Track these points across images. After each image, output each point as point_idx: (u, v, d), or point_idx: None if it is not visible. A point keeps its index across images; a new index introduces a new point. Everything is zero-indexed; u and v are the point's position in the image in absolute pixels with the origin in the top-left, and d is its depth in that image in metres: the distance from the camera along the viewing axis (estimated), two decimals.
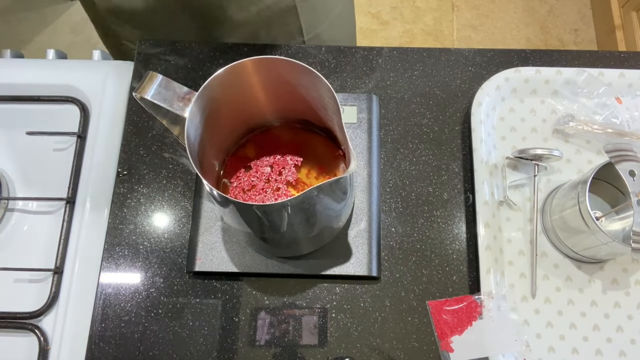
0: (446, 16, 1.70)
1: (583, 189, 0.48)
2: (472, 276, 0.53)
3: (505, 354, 0.49)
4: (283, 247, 0.51)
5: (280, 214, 0.41)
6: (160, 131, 0.59)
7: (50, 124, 0.61)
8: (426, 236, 0.55)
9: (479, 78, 0.61)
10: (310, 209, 0.42)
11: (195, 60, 0.61)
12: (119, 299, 0.52)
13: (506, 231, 0.55)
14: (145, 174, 0.57)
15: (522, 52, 0.62)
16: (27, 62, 0.65)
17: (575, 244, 0.52)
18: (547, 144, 0.58)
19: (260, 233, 0.47)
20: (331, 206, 0.44)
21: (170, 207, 0.56)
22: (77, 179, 0.58)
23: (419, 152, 0.58)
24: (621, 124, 0.56)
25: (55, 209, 0.59)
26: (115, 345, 0.51)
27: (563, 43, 1.67)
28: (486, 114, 0.57)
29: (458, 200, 0.56)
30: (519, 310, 0.51)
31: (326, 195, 0.41)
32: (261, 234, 0.47)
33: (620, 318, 0.52)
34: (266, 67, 0.41)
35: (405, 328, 0.51)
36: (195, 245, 0.52)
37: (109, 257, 0.54)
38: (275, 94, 0.45)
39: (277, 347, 0.51)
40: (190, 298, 0.52)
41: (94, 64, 0.65)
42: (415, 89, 0.61)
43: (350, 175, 0.40)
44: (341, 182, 0.40)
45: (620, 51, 0.67)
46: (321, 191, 0.39)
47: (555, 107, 0.59)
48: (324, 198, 0.41)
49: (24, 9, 1.66)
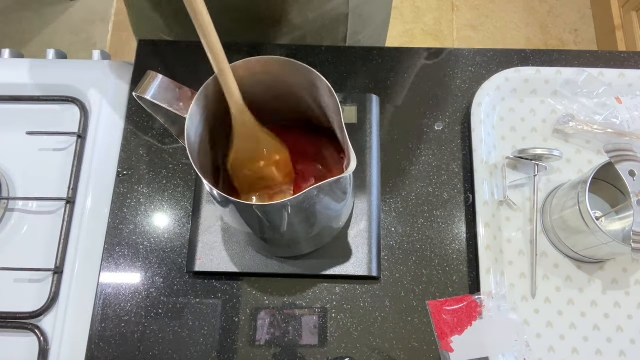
0: (446, 16, 1.70)
1: (583, 189, 0.48)
2: (472, 276, 0.53)
3: (505, 354, 0.49)
4: (283, 247, 0.51)
5: (281, 214, 0.41)
6: (160, 131, 0.59)
7: (50, 124, 0.61)
8: (426, 236, 0.55)
9: (479, 78, 0.61)
10: (310, 209, 0.42)
11: (195, 60, 0.61)
12: (119, 299, 0.52)
13: (506, 231, 0.55)
14: (145, 174, 0.57)
15: (522, 52, 0.62)
16: (27, 62, 0.65)
17: (575, 244, 0.52)
18: (547, 144, 0.58)
19: (260, 233, 0.47)
20: (331, 206, 0.44)
21: (170, 207, 0.56)
22: (77, 179, 0.58)
23: (419, 152, 0.58)
24: (621, 124, 0.56)
25: (55, 209, 0.59)
26: (115, 345, 0.51)
27: (563, 43, 1.67)
28: (486, 114, 0.57)
29: (458, 200, 0.56)
30: (519, 310, 0.51)
31: (326, 195, 0.41)
32: (261, 234, 0.47)
33: (620, 318, 0.52)
34: (264, 67, 0.41)
35: (405, 328, 0.51)
36: (195, 245, 0.52)
37: (109, 257, 0.54)
38: (274, 94, 0.45)
39: (277, 347, 0.51)
40: (190, 298, 0.52)
41: (94, 64, 0.65)
42: (415, 89, 0.61)
43: (350, 175, 0.40)
44: (341, 182, 0.40)
45: (620, 51, 0.67)
46: (321, 191, 0.38)
47: (555, 107, 0.59)
48: (324, 198, 0.41)
49: (24, 9, 1.66)
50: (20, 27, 1.64)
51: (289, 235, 0.46)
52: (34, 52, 1.55)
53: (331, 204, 0.44)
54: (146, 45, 0.63)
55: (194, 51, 0.62)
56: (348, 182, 0.45)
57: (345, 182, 0.43)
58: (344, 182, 0.42)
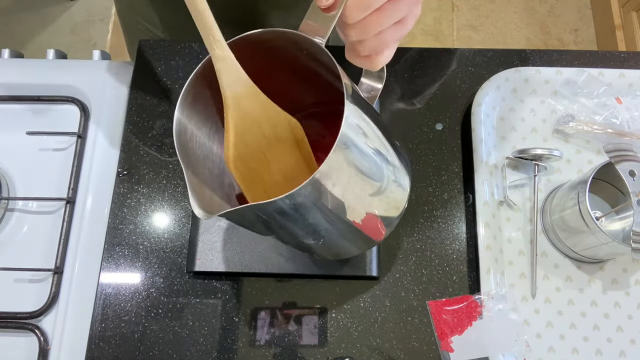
0: (446, 16, 1.70)
1: (583, 189, 0.48)
2: (472, 276, 0.53)
3: (505, 354, 0.49)
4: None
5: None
6: (160, 131, 0.59)
7: (50, 124, 0.61)
8: (426, 236, 0.55)
9: (479, 78, 0.61)
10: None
11: (195, 60, 0.61)
12: (119, 299, 0.52)
13: (506, 231, 0.55)
14: (145, 174, 0.57)
15: (522, 52, 0.62)
16: (27, 62, 0.65)
17: (575, 244, 0.52)
18: (547, 144, 0.58)
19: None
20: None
21: (170, 207, 0.56)
22: (77, 179, 0.58)
23: (419, 152, 0.58)
24: (621, 124, 0.56)
25: (55, 209, 0.59)
26: (115, 345, 0.51)
27: (563, 43, 1.67)
28: (486, 114, 0.57)
29: (458, 200, 0.56)
30: (519, 310, 0.51)
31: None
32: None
33: (620, 318, 0.52)
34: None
35: (405, 328, 0.51)
36: (195, 245, 0.52)
37: (109, 257, 0.54)
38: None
39: (277, 347, 0.51)
40: (190, 298, 0.52)
41: (94, 64, 0.65)
42: (415, 89, 0.61)
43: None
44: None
45: (620, 51, 0.67)
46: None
47: (555, 107, 0.59)
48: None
49: (24, 9, 1.66)
50: (20, 27, 1.64)
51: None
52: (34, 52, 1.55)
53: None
54: (146, 45, 0.63)
55: (194, 51, 0.62)
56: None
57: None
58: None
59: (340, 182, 0.32)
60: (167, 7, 0.66)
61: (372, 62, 0.37)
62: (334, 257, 0.50)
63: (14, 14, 1.65)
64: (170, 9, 0.66)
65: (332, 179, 0.31)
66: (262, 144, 0.37)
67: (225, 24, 0.52)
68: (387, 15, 0.34)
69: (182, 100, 0.35)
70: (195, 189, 0.34)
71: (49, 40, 1.62)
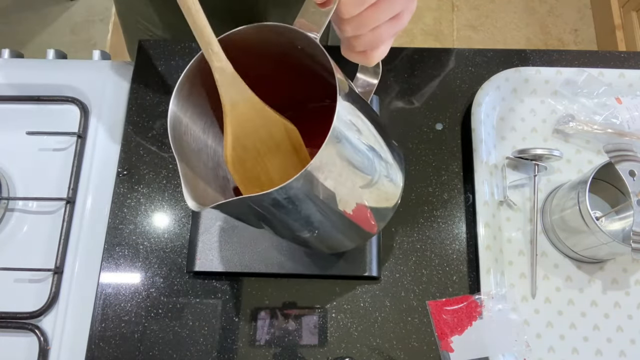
0: (446, 16, 1.70)
1: (583, 189, 0.48)
2: (472, 276, 0.53)
3: (505, 354, 0.49)
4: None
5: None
6: (160, 131, 0.59)
7: (50, 124, 0.61)
8: (426, 236, 0.55)
9: (479, 78, 0.61)
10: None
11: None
12: (119, 299, 0.52)
13: (506, 231, 0.55)
14: (145, 174, 0.57)
15: (522, 52, 0.62)
16: (27, 62, 0.65)
17: (575, 244, 0.52)
18: (547, 144, 0.58)
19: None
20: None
21: (170, 207, 0.56)
22: (77, 179, 0.58)
23: (419, 152, 0.58)
24: (621, 124, 0.56)
25: (55, 209, 0.59)
26: (115, 345, 0.51)
27: (563, 43, 1.67)
28: (486, 114, 0.57)
29: (458, 200, 0.56)
30: (519, 310, 0.51)
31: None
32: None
33: (620, 318, 0.52)
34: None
35: (405, 328, 0.51)
36: (195, 245, 0.52)
37: (109, 257, 0.54)
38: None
39: (277, 347, 0.51)
40: (190, 298, 0.52)
41: (94, 64, 0.65)
42: (415, 89, 0.61)
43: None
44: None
45: (620, 51, 0.67)
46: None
47: (555, 107, 0.59)
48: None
49: (24, 9, 1.66)
50: (20, 27, 1.64)
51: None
52: (34, 52, 1.55)
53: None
54: (146, 45, 0.63)
55: (194, 51, 0.62)
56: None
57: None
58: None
59: (332, 175, 0.32)
60: (166, 6, 0.66)
61: (367, 57, 0.37)
62: (330, 250, 0.50)
63: (14, 14, 1.65)
64: (170, 9, 0.66)
65: (324, 172, 0.32)
66: (260, 148, 0.38)
67: (224, 21, 0.53)
68: (382, 11, 0.34)
69: (177, 92, 0.36)
70: (189, 181, 0.34)
71: (49, 40, 1.62)
